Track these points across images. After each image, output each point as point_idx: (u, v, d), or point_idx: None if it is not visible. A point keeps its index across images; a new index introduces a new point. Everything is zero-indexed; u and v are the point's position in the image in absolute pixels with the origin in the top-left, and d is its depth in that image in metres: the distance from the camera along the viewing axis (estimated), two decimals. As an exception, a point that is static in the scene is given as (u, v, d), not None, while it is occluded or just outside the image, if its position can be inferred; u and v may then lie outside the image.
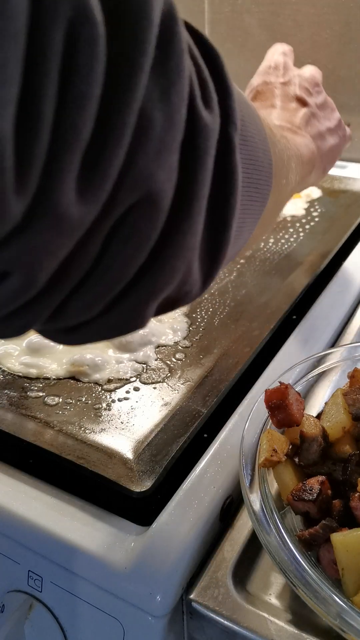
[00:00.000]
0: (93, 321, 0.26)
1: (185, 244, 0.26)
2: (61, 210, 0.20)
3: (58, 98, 0.19)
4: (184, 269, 0.27)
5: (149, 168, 0.22)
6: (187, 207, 0.25)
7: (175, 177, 0.24)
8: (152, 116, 0.22)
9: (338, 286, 0.67)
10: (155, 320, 0.60)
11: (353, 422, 0.41)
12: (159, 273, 0.26)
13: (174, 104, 0.23)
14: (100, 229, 0.23)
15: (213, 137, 0.25)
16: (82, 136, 0.20)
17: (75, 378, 0.53)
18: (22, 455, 0.46)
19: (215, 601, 0.36)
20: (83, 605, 0.40)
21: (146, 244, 0.24)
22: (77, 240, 0.22)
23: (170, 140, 0.23)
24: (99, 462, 0.43)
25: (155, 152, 0.22)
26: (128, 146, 0.21)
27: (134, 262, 0.25)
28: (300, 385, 0.47)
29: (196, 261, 0.28)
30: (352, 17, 0.98)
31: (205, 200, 0.26)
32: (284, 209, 0.54)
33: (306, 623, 0.35)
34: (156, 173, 0.23)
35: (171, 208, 0.24)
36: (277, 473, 0.40)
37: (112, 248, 0.24)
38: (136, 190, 0.22)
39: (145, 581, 0.37)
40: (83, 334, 0.28)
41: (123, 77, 0.20)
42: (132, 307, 0.26)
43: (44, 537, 0.40)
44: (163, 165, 0.23)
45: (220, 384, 0.51)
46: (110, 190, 0.22)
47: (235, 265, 0.71)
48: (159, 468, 0.42)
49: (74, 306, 0.25)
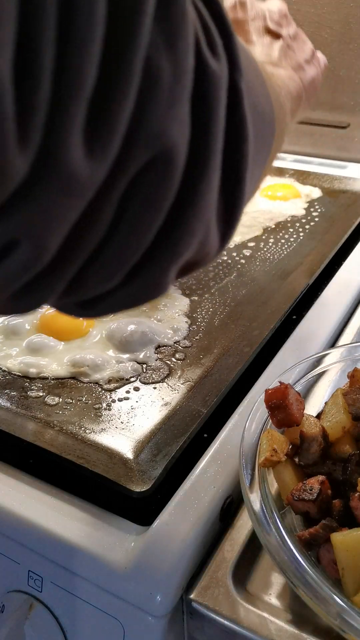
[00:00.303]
0: (114, 291, 0.25)
1: (203, 204, 0.24)
2: (68, 167, 0.19)
3: (58, 39, 0.17)
4: (203, 229, 0.25)
5: (160, 121, 0.21)
6: (203, 164, 0.23)
7: (188, 131, 0.23)
8: (159, 65, 0.20)
9: (338, 286, 0.67)
10: (155, 320, 0.60)
11: (353, 422, 0.41)
12: (179, 236, 0.24)
13: (181, 50, 0.21)
14: (113, 190, 0.21)
15: (222, 85, 0.24)
16: (86, 83, 0.18)
17: (75, 378, 0.53)
18: (22, 455, 0.46)
19: (215, 601, 0.36)
20: (83, 605, 0.40)
21: (163, 206, 0.23)
22: (88, 202, 0.21)
23: (180, 90, 0.21)
24: (99, 462, 0.43)
25: (166, 103, 0.21)
26: (136, 97, 0.20)
27: (152, 226, 0.23)
28: (300, 385, 0.47)
29: (214, 220, 0.26)
30: (352, 17, 0.98)
31: (220, 155, 0.24)
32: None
33: (306, 623, 0.35)
34: (169, 127, 0.21)
35: (186, 165, 0.23)
36: (277, 473, 0.40)
37: (127, 212, 0.22)
38: (149, 146, 0.21)
39: (145, 581, 0.37)
40: (105, 305, 0.26)
41: (126, 19, 0.19)
42: (154, 274, 0.25)
43: (44, 537, 0.40)
44: (175, 118, 0.21)
45: (220, 384, 0.51)
46: (121, 147, 0.20)
47: (236, 265, 0.71)
48: (159, 468, 0.42)
49: (92, 277, 0.24)
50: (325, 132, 1.06)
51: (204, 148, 0.23)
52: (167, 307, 0.62)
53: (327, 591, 0.33)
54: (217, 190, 0.25)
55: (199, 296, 0.65)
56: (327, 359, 0.50)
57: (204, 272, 0.70)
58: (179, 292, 0.66)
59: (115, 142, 0.20)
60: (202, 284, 0.67)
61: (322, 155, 1.09)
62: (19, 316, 0.60)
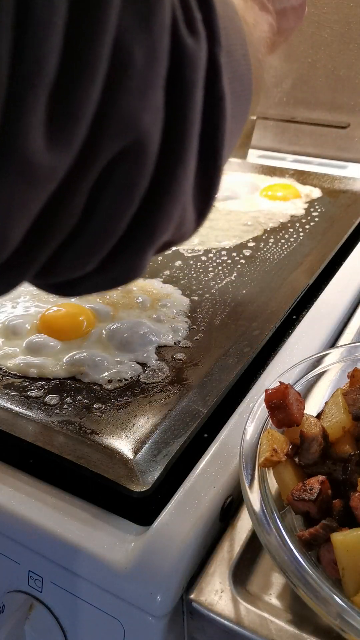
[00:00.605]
0: (92, 274, 0.25)
1: (179, 188, 0.24)
2: (28, 157, 0.18)
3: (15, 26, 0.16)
4: (179, 212, 0.25)
5: (132, 110, 0.20)
6: (178, 150, 0.23)
7: (161, 117, 0.22)
8: (131, 49, 0.19)
9: (338, 286, 0.67)
10: (155, 320, 0.60)
11: (353, 422, 0.41)
12: (155, 221, 0.24)
13: (156, 33, 0.20)
14: (83, 180, 0.21)
15: (200, 66, 0.23)
16: (45, 71, 0.17)
17: (75, 378, 0.53)
18: (22, 455, 0.46)
19: (216, 601, 0.36)
20: (83, 605, 0.40)
21: (136, 194, 0.22)
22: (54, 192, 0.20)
23: (153, 76, 0.20)
24: (99, 462, 0.43)
25: (138, 90, 0.20)
26: (104, 85, 0.19)
27: (125, 214, 0.23)
28: (300, 385, 0.47)
29: (190, 201, 0.26)
30: (352, 17, 0.98)
31: (196, 139, 0.24)
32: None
33: (306, 623, 0.35)
34: (141, 115, 0.20)
35: (161, 153, 0.22)
36: (277, 473, 0.40)
37: (100, 201, 0.22)
38: (120, 136, 0.20)
39: (145, 581, 0.37)
40: (83, 287, 0.26)
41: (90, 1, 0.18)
42: (131, 257, 0.25)
43: (44, 537, 0.40)
44: (148, 105, 0.20)
45: (220, 384, 0.51)
46: (88, 136, 0.19)
47: (236, 265, 0.71)
48: (159, 468, 0.42)
49: (68, 262, 0.23)
50: (325, 132, 1.06)
51: (180, 134, 0.22)
52: (167, 307, 0.62)
53: (327, 591, 0.33)
54: (193, 172, 0.24)
55: (199, 296, 0.65)
56: (327, 359, 0.50)
57: (204, 272, 0.70)
58: (179, 292, 0.66)
59: (80, 132, 0.19)
60: (202, 284, 0.67)
61: (322, 155, 1.09)
62: (18, 316, 0.60)
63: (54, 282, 0.26)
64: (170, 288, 0.66)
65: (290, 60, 1.06)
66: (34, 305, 0.62)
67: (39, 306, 0.62)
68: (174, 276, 0.69)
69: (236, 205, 0.87)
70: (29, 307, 0.62)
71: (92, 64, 0.18)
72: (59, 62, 0.18)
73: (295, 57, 1.05)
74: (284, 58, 1.06)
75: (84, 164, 0.20)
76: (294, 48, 1.05)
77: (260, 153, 1.10)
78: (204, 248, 0.76)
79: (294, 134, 1.10)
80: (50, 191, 0.20)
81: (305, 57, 1.04)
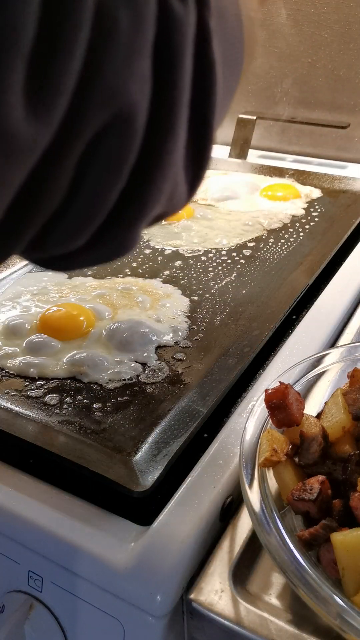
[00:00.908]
0: (84, 249, 0.25)
1: (170, 161, 0.23)
2: (7, 129, 0.17)
3: None
4: (170, 184, 0.24)
5: (117, 79, 0.19)
6: (167, 121, 0.22)
7: (149, 86, 0.21)
8: (116, 15, 0.18)
9: (338, 286, 0.67)
10: (155, 320, 0.60)
11: (353, 422, 0.41)
12: (145, 195, 0.23)
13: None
14: (68, 153, 0.20)
15: (189, 31, 0.22)
16: (23, 39, 0.16)
17: (75, 378, 0.53)
18: (22, 455, 0.46)
19: (216, 601, 0.36)
20: (83, 605, 0.40)
21: (124, 168, 0.22)
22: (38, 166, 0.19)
23: (140, 42, 0.19)
24: (99, 462, 0.43)
25: (123, 58, 0.19)
26: (87, 52, 0.18)
27: (113, 189, 0.22)
28: (300, 385, 0.47)
29: (181, 172, 0.25)
30: (352, 17, 0.98)
31: (186, 107, 0.23)
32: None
33: (306, 623, 0.35)
34: (126, 84, 0.19)
35: (149, 124, 0.21)
36: (277, 473, 0.40)
37: (87, 175, 0.21)
38: (105, 106, 0.19)
39: (145, 581, 0.37)
40: (76, 262, 0.26)
41: None
42: (123, 231, 0.24)
43: (44, 537, 0.40)
44: (134, 73, 0.20)
45: (220, 384, 0.51)
46: (70, 107, 0.19)
47: (236, 265, 0.71)
48: (159, 468, 0.42)
49: (56, 237, 0.23)
50: (325, 132, 1.06)
51: (169, 103, 0.22)
52: (167, 307, 0.62)
53: (327, 591, 0.33)
54: (184, 142, 0.24)
55: (199, 296, 0.65)
56: (327, 358, 0.50)
57: (204, 272, 0.70)
58: (179, 292, 0.66)
59: (61, 102, 0.18)
60: (202, 284, 0.67)
61: (322, 155, 1.09)
62: (19, 316, 0.60)
63: (45, 256, 0.25)
64: (170, 288, 0.66)
65: (290, 60, 1.06)
66: (34, 305, 0.62)
67: (39, 306, 0.62)
68: (174, 276, 0.69)
69: (236, 205, 0.87)
70: (29, 307, 0.62)
71: (73, 31, 0.17)
72: (37, 29, 0.17)
73: (295, 57, 1.05)
74: (284, 58, 1.06)
75: (67, 136, 0.19)
76: (294, 48, 1.05)
77: (260, 153, 1.10)
78: (204, 248, 0.76)
79: (294, 134, 1.10)
80: (32, 165, 0.19)
81: (305, 57, 1.04)
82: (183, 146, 0.24)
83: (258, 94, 1.11)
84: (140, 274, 0.70)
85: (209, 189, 0.92)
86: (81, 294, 0.64)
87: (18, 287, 0.66)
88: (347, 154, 1.07)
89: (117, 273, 0.70)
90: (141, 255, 0.74)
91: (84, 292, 0.65)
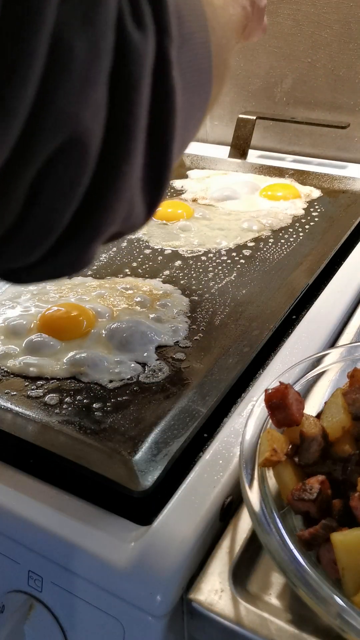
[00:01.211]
0: (38, 264, 0.25)
1: (124, 184, 0.24)
2: None
3: None
4: (126, 206, 0.25)
5: (71, 106, 0.20)
6: (122, 146, 0.22)
7: (104, 113, 0.21)
8: (71, 45, 0.19)
9: (338, 286, 0.67)
10: (155, 320, 0.60)
11: (353, 422, 0.41)
12: (99, 216, 0.24)
13: (99, 29, 0.19)
14: (20, 176, 0.20)
15: (147, 61, 0.22)
16: None
17: (75, 378, 0.53)
18: (22, 455, 0.46)
19: (216, 601, 0.36)
20: (83, 605, 0.40)
21: (76, 191, 0.22)
22: None
23: (95, 72, 0.20)
24: (99, 462, 0.43)
25: (78, 86, 0.19)
26: (41, 80, 0.18)
27: (65, 211, 0.23)
28: (300, 385, 0.47)
29: (138, 194, 0.26)
30: (352, 17, 0.98)
31: (144, 133, 0.23)
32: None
33: (306, 623, 0.35)
34: (80, 112, 0.20)
35: (103, 149, 0.22)
36: (277, 473, 0.40)
37: (39, 197, 0.21)
38: (58, 132, 0.20)
39: (145, 581, 0.37)
40: (30, 276, 0.26)
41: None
42: (77, 249, 0.25)
43: (44, 537, 0.40)
44: (88, 102, 0.20)
45: (220, 384, 0.51)
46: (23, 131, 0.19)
47: (236, 265, 0.71)
48: (159, 468, 0.42)
49: (8, 254, 0.24)
50: (325, 132, 1.06)
51: (124, 130, 0.22)
52: (167, 307, 0.62)
53: (327, 591, 0.33)
54: (140, 166, 0.24)
55: (199, 296, 0.65)
56: (327, 358, 0.50)
57: (203, 272, 0.70)
58: (179, 292, 0.66)
59: (15, 126, 0.19)
60: (202, 284, 0.67)
61: (322, 155, 1.09)
62: (19, 316, 0.60)
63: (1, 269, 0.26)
64: (170, 288, 0.66)
65: (290, 60, 1.06)
66: (34, 305, 0.62)
67: (39, 306, 0.62)
68: (174, 276, 0.69)
69: (236, 205, 0.87)
70: (29, 307, 0.62)
71: (28, 58, 0.18)
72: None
73: (295, 57, 1.05)
74: (284, 58, 1.06)
75: (19, 159, 0.20)
76: (294, 48, 1.05)
77: (260, 153, 1.10)
78: (204, 248, 0.76)
79: (294, 134, 1.10)
80: None
81: (305, 57, 1.04)
82: (140, 169, 0.24)
83: (258, 94, 1.12)
84: (140, 274, 0.70)
85: (209, 189, 0.92)
86: (81, 294, 0.64)
87: (18, 287, 0.66)
88: (347, 154, 1.07)
89: (117, 273, 0.70)
90: (141, 255, 0.74)
91: (84, 292, 0.65)
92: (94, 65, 0.20)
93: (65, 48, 0.19)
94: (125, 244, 0.76)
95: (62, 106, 0.19)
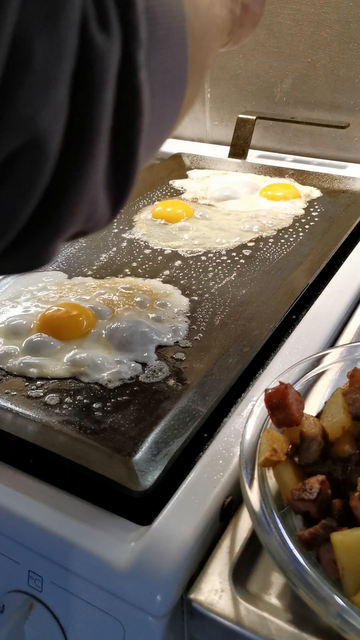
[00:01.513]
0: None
1: (86, 185, 0.24)
2: None
3: None
4: (88, 206, 0.25)
5: (30, 107, 0.20)
6: (84, 148, 0.23)
7: (64, 115, 0.21)
8: (32, 47, 0.19)
9: (338, 286, 0.67)
10: (155, 320, 0.60)
11: (353, 422, 0.41)
12: (60, 216, 0.24)
13: (61, 32, 0.20)
14: None
15: (111, 65, 0.22)
16: None
17: (75, 378, 0.53)
18: (22, 455, 0.46)
19: (216, 601, 0.36)
20: (83, 605, 0.40)
21: (34, 191, 0.22)
22: None
23: (56, 74, 0.20)
24: (99, 462, 0.43)
25: (37, 88, 0.20)
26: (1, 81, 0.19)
27: (22, 210, 0.23)
28: (300, 385, 0.47)
29: (102, 195, 0.26)
30: (352, 17, 0.98)
31: (106, 135, 0.23)
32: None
33: (306, 623, 0.35)
34: (40, 112, 0.20)
35: (64, 150, 0.22)
36: (277, 473, 0.40)
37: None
38: (17, 132, 0.20)
39: (145, 581, 0.37)
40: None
41: None
42: (35, 247, 0.25)
43: (44, 537, 0.40)
44: (48, 103, 0.20)
45: (220, 384, 0.51)
46: None
47: (236, 265, 0.71)
48: (159, 468, 0.42)
49: None
50: (325, 132, 1.06)
51: (86, 131, 0.22)
52: (167, 307, 0.62)
53: (327, 591, 0.33)
54: (104, 167, 0.24)
55: (199, 296, 0.65)
56: (327, 358, 0.50)
57: (203, 272, 0.70)
58: (179, 292, 0.66)
59: None
60: (202, 284, 0.67)
61: (322, 155, 1.09)
62: (18, 316, 0.60)
63: None
64: (170, 288, 0.66)
65: (290, 60, 1.06)
66: (34, 305, 0.62)
67: (39, 306, 0.62)
68: (174, 276, 0.69)
69: (236, 205, 0.87)
70: (29, 307, 0.62)
71: None
72: None
73: (295, 57, 1.05)
74: (284, 58, 1.06)
75: None
76: (294, 48, 1.05)
77: (260, 153, 1.10)
78: (204, 248, 0.76)
79: (294, 134, 1.11)
80: None
81: (305, 57, 1.04)
82: (104, 170, 0.24)
83: (258, 94, 1.12)
84: (140, 274, 0.70)
85: (209, 189, 0.92)
86: (81, 294, 0.64)
87: (18, 287, 0.66)
88: (347, 154, 1.07)
89: (117, 273, 0.70)
90: (141, 255, 0.74)
91: (84, 292, 0.65)
92: (55, 66, 0.20)
93: (26, 49, 0.19)
94: (125, 244, 0.77)
95: (21, 107, 0.20)
